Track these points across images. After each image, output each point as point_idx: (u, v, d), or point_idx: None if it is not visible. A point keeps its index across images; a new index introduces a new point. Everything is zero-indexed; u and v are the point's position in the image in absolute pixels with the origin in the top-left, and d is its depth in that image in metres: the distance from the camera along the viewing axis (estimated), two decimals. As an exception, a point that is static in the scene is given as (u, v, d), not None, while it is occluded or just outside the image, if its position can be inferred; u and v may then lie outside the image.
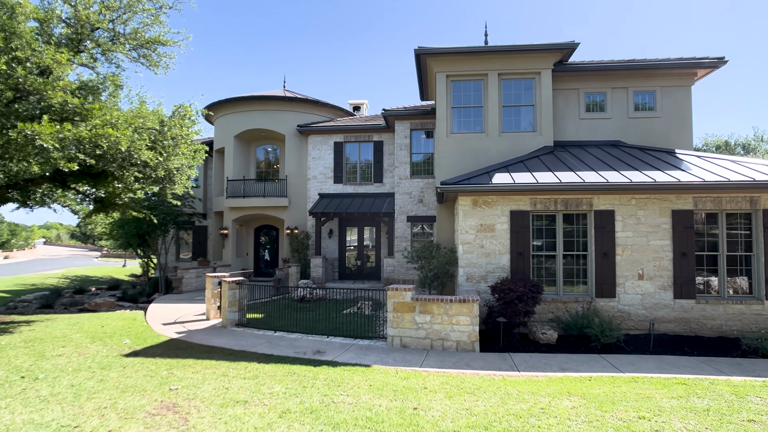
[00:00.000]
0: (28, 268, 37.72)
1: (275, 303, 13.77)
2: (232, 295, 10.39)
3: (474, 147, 12.26)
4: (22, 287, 23.08)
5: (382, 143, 19.03)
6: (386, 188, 18.92)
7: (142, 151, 8.41)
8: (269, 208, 19.20)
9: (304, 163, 19.64)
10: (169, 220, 18.87)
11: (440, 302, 8.17)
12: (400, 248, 16.98)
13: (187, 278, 17.24)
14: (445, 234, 12.47)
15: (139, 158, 8.56)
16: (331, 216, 17.66)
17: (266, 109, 19.46)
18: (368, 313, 11.82)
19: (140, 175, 9.15)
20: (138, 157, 8.52)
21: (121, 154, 8.20)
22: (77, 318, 12.06)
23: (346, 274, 19.20)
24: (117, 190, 12.43)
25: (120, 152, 8.13)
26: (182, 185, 12.62)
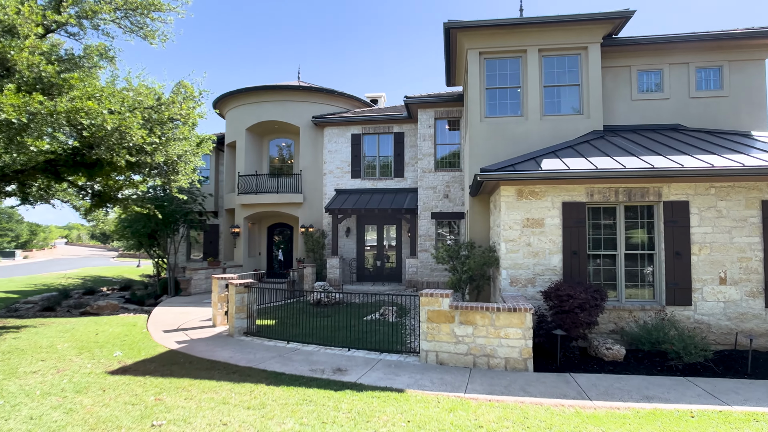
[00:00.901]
0: (45, 268, 37.43)
1: (289, 307, 12.54)
2: (240, 299, 9.17)
3: (511, 132, 10.83)
4: (33, 287, 22.39)
5: (402, 135, 17.69)
6: (408, 183, 17.57)
7: (133, 130, 7.23)
8: (283, 204, 18.01)
9: (319, 157, 18.42)
10: (178, 217, 17.83)
11: (485, 311, 6.78)
12: (424, 247, 15.60)
13: (195, 279, 16.15)
14: (478, 231, 11.07)
15: (131, 140, 7.38)
16: (348, 213, 16.39)
17: (279, 99, 18.29)
18: (393, 321, 10.49)
19: (133, 159, 7.99)
20: (130, 139, 7.34)
21: (106, 133, 7.04)
22: (74, 323, 11.00)
23: (365, 276, 17.90)
24: (117, 183, 11.37)
25: (105, 131, 6.96)
26: (187, 176, 11.48)
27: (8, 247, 52.09)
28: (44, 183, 11.65)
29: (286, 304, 13.31)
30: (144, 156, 8.44)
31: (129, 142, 7.47)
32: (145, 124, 8.14)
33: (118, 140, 7.37)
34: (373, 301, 13.99)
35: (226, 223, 20.54)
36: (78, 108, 6.32)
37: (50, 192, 11.97)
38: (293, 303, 13.56)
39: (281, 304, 13.30)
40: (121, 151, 7.56)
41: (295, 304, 13.39)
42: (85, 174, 9.80)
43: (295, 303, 13.74)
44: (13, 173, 10.09)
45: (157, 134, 8.40)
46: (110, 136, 7.21)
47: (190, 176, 12.25)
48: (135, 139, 7.42)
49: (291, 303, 13.59)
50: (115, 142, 7.38)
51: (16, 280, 26.57)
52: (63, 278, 27.64)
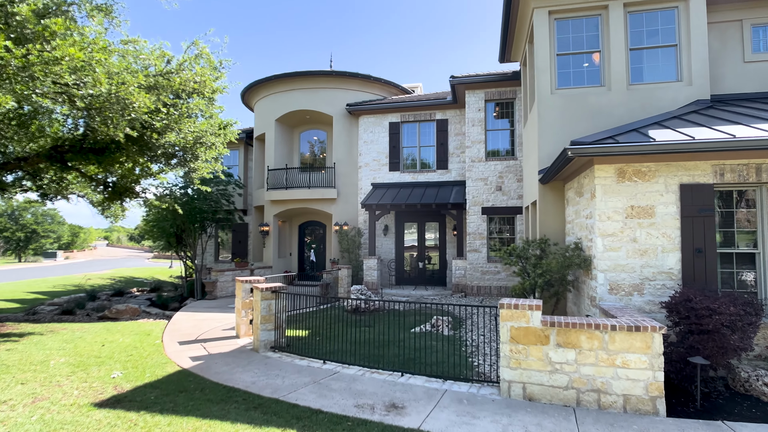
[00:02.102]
0: (82, 269, 37.62)
1: (323, 314, 11.00)
2: (267, 307, 7.62)
3: (589, 106, 8.90)
4: (63, 288, 21.89)
5: (446, 122, 15.89)
6: (452, 175, 15.75)
7: (133, 96, 5.82)
8: (315, 200, 16.54)
9: (354, 149, 16.85)
10: (207, 216, 16.66)
11: (593, 330, 4.93)
12: (473, 247, 13.74)
13: (221, 282, 14.87)
14: (550, 226, 9.15)
15: (132, 109, 5.97)
16: (387, 209, 14.73)
17: (311, 87, 16.85)
18: (448, 334, 8.71)
19: (134, 133, 6.59)
20: (131, 108, 5.92)
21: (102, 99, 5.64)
22: (86, 330, 9.80)
23: (405, 279, 16.18)
24: (131, 172, 10.12)
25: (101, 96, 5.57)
26: (208, 165, 10.12)
27: (51, 248, 53.37)
28: (55, 174, 10.56)
29: (320, 311, 11.78)
30: (151, 132, 7.03)
31: (131, 112, 6.07)
32: (150, 90, 6.75)
33: (119, 111, 5.97)
34: (417, 308, 12.25)
35: (255, 221, 19.29)
36: (58, 58, 4.93)
37: (63, 184, 10.87)
38: (327, 309, 12.02)
39: (314, 310, 11.79)
40: (120, 123, 6.15)
41: (330, 311, 11.84)
42: (93, 160, 8.55)
43: (330, 309, 12.19)
44: (15, 161, 8.95)
45: (164, 103, 6.97)
46: (108, 105, 5.82)
47: (212, 166, 10.91)
48: (137, 107, 6.00)
49: (325, 309, 12.05)
50: (115, 113, 5.98)
51: (50, 281, 26.36)
52: (96, 279, 27.29)
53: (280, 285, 7.80)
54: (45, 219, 51.56)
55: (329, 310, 11.91)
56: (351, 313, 11.49)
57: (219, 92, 8.35)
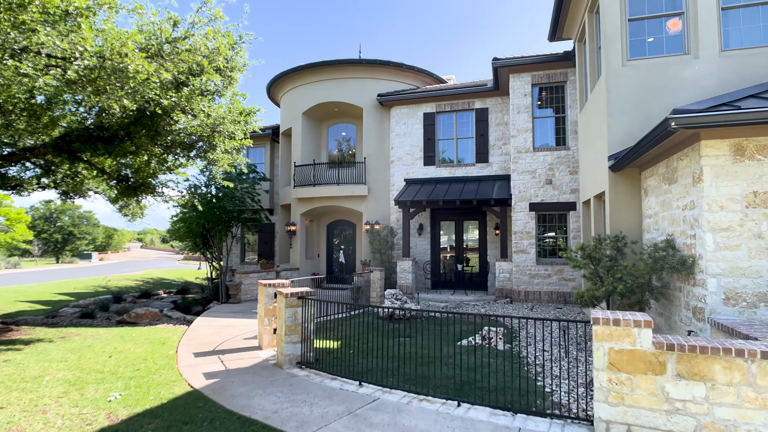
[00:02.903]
0: (114, 270, 37.97)
1: (354, 321, 9.89)
2: (292, 315, 6.53)
3: (671, 78, 7.45)
4: (92, 290, 21.65)
5: (486, 111, 14.55)
6: (493, 169, 14.39)
7: (129, 58, 4.85)
8: (344, 198, 15.49)
9: (385, 143, 15.72)
10: (232, 215, 15.86)
11: (732, 357, 3.58)
12: (520, 247, 12.34)
13: (246, 285, 13.98)
14: (623, 222, 7.71)
15: (128, 78, 5.00)
16: (422, 206, 13.51)
17: (339, 77, 15.83)
18: (503, 349, 7.41)
19: (132, 105, 5.63)
20: (126, 72, 4.94)
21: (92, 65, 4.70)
22: (99, 337, 9.01)
23: (441, 282, 14.90)
24: (148, 168, 9.30)
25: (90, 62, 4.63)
26: (227, 156, 9.18)
27: (86, 249, 54.61)
28: (69, 169, 9.86)
29: (351, 317, 10.67)
30: (155, 107, 6.07)
31: (128, 80, 5.11)
32: (153, 58, 5.79)
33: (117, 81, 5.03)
34: (459, 316, 10.97)
35: (281, 221, 18.42)
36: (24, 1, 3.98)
37: (78, 179, 10.16)
38: (359, 315, 10.90)
39: (345, 317, 10.69)
40: (116, 93, 5.20)
41: (362, 317, 10.72)
42: (102, 150, 7.70)
43: (362, 315, 11.07)
44: (21, 151, 8.22)
45: (174, 78, 6.01)
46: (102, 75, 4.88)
47: (234, 158, 9.98)
48: (136, 72, 5.01)
49: (356, 315, 10.94)
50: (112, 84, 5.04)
51: (81, 282, 26.35)
52: (125, 280, 27.18)
53: (307, 290, 6.70)
54: (81, 221, 52.78)
55: (361, 317, 10.80)
56: (386, 321, 10.33)
57: (239, 70, 7.36)
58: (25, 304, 15.96)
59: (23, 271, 36.97)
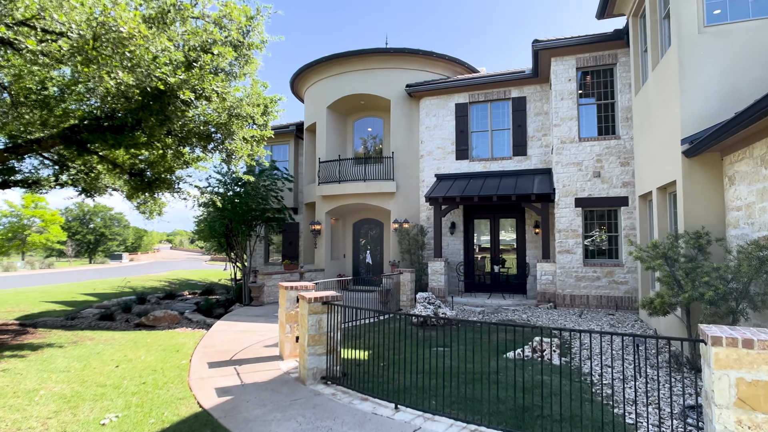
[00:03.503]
0: (142, 270, 38.39)
1: (384, 327, 9.03)
2: (316, 323, 5.70)
3: (762, 45, 6.28)
4: (117, 290, 21.55)
5: (524, 100, 13.45)
6: (532, 162, 13.28)
7: (121, 21, 4.15)
8: (371, 195, 14.65)
9: (414, 136, 14.81)
10: (255, 214, 15.28)
11: None
12: (565, 247, 11.20)
13: (269, 286, 13.31)
14: (699, 215, 6.56)
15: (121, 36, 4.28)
16: (455, 202, 12.53)
17: (365, 68, 15.03)
18: (558, 363, 6.39)
19: (129, 78, 4.94)
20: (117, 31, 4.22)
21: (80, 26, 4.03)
22: (110, 342, 8.44)
23: (476, 285, 13.86)
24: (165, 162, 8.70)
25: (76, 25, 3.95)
26: (247, 147, 8.47)
27: (117, 250, 55.76)
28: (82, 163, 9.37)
29: (380, 322, 9.82)
30: (157, 83, 5.35)
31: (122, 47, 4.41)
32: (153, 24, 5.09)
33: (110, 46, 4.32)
34: (498, 321, 9.96)
35: (306, 220, 17.74)
36: None
37: (92, 175, 9.67)
38: (389, 320, 10.03)
39: (373, 322, 9.85)
40: (108, 62, 4.50)
41: (392, 323, 9.85)
42: (111, 140, 7.09)
43: (392, 320, 10.19)
44: (27, 143, 7.71)
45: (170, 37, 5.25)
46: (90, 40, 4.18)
47: (254, 150, 9.28)
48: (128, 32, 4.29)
49: (386, 320, 10.07)
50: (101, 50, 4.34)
51: (109, 282, 26.46)
52: (151, 281, 27.19)
53: (332, 294, 5.85)
54: (112, 222, 53.90)
55: (391, 322, 9.92)
56: (418, 328, 9.42)
57: (256, 48, 6.62)
58: (51, 304, 15.80)
59: (56, 271, 37.75)
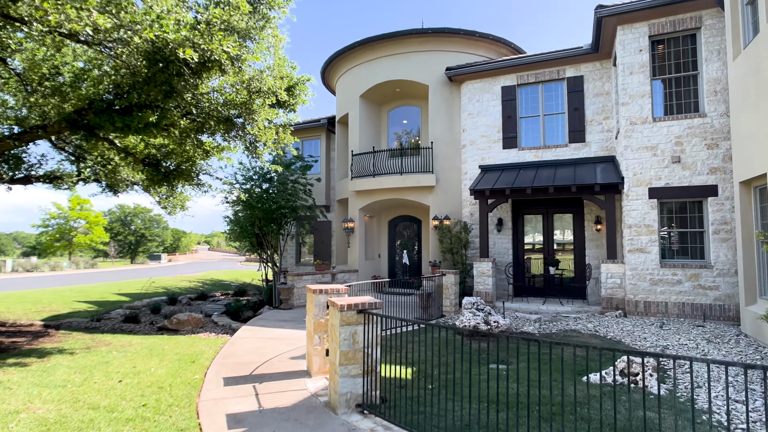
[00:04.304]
0: (178, 271, 38.75)
1: (427, 336, 7.82)
2: (350, 337, 4.56)
3: None
4: (151, 290, 21.36)
5: (581, 80, 11.90)
6: (592, 150, 11.71)
7: None
8: (408, 189, 13.46)
9: (455, 125, 13.50)
10: (285, 212, 14.45)
11: None
12: (637, 245, 9.61)
13: (299, 288, 12.35)
14: None
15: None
16: (504, 195, 11.15)
17: (401, 51, 13.86)
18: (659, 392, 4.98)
19: (104, 19, 4.01)
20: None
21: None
22: (125, 349, 7.65)
23: (527, 289, 12.39)
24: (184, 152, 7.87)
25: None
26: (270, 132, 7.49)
27: (156, 251, 57.06)
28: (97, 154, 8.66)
29: (421, 330, 8.62)
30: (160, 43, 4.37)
31: None
32: None
33: None
34: (559, 330, 8.54)
35: (338, 218, 16.74)
36: None
37: (110, 167, 8.96)
38: (431, 328, 8.80)
39: (414, 330, 8.65)
40: None
41: (436, 331, 8.62)
42: (119, 122, 6.24)
43: (434, 328, 8.96)
44: (32, 129, 6.99)
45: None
46: None
47: (281, 137, 8.30)
48: None
49: (427, 327, 8.85)
50: None
51: (144, 282, 26.52)
52: (185, 281, 27.08)
53: (369, 300, 4.70)
54: (152, 224, 55.17)
55: (434, 330, 8.70)
56: (467, 338, 8.15)
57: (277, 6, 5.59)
58: (83, 304, 15.52)
59: (99, 270, 38.65)
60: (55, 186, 10.12)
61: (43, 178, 10.05)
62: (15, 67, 7.34)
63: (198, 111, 7.18)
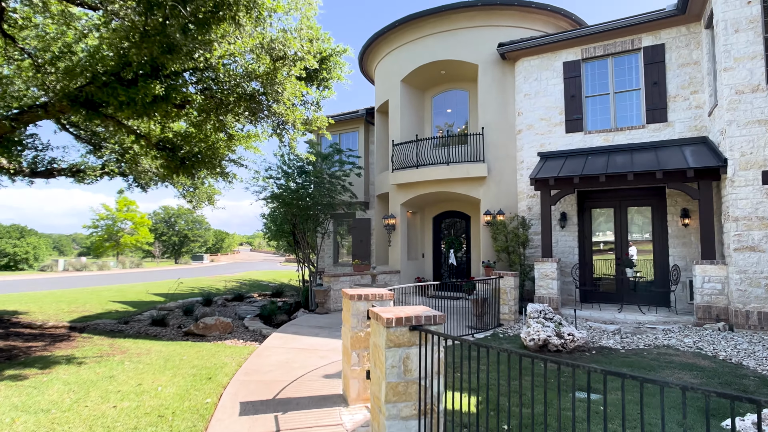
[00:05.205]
0: (219, 271, 38.90)
1: (484, 350, 6.43)
2: (399, 362, 3.28)
3: None
4: (188, 290, 20.99)
5: (661, 49, 10.10)
6: (676, 131, 9.89)
7: None
8: (456, 182, 12.05)
9: (509, 108, 11.97)
10: (320, 209, 13.44)
11: None
12: (746, 243, 7.78)
13: (335, 291, 11.21)
14: None
15: None
16: (572, 184, 9.55)
17: (447, 29, 12.48)
18: None
19: None
20: None
21: None
22: (138, 359, 6.75)
23: (596, 294, 10.68)
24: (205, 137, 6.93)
25: None
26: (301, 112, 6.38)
27: (199, 251, 58.16)
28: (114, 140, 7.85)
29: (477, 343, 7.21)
30: None
31: None
32: None
33: None
34: (647, 347, 6.90)
35: (378, 215, 15.54)
36: None
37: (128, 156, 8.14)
38: (489, 340, 7.41)
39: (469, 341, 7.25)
40: None
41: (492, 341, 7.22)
42: (123, 95, 5.29)
43: (492, 339, 7.56)
44: (31, 109, 6.17)
45: None
46: None
47: (313, 120, 7.19)
48: None
49: (483, 338, 7.46)
50: None
51: (184, 282, 26.43)
52: (223, 281, 26.78)
53: (425, 313, 3.40)
54: (195, 225, 56.26)
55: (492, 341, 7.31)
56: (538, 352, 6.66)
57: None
58: (117, 304, 15.11)
59: (143, 270, 39.44)
60: (78, 179, 9.48)
61: (66, 172, 9.43)
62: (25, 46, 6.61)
63: (217, 86, 6.16)
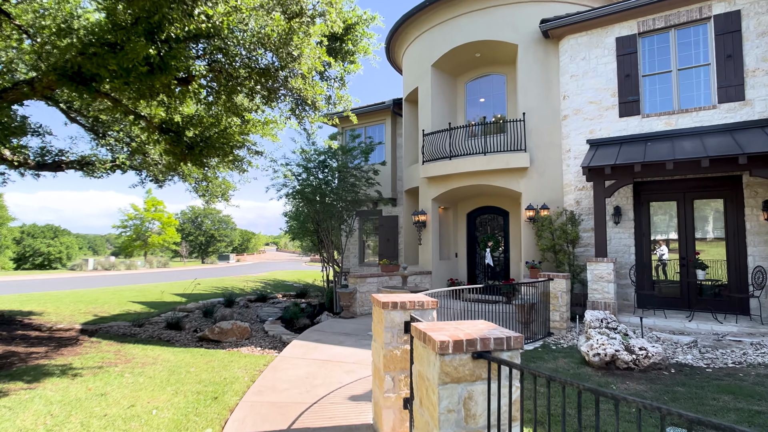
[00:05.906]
0: (244, 271, 38.68)
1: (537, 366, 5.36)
2: (459, 403, 2.30)
3: None
4: (211, 290, 20.53)
5: (737, 16, 8.75)
6: (755, 111, 8.52)
7: None
8: (494, 173, 10.92)
9: (553, 91, 10.77)
10: (344, 205, 12.58)
11: None
12: None
13: (362, 293, 10.28)
14: None
15: None
16: (630, 174, 8.31)
17: (482, 6, 11.37)
18: None
19: None
20: None
21: None
22: (140, 370, 5.99)
23: (657, 298, 9.36)
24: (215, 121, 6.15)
25: None
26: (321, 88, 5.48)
27: (225, 251, 58.45)
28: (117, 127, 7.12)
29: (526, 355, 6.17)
30: None
31: None
32: None
33: None
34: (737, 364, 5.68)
35: (407, 212, 14.53)
36: None
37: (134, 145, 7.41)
38: (539, 353, 6.31)
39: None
40: None
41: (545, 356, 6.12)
42: (113, 64, 4.49)
43: (543, 352, 6.45)
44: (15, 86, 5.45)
45: None
46: None
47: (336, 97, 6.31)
48: None
49: (533, 352, 6.36)
50: None
51: (206, 282, 26.05)
52: (248, 281, 26.33)
53: (494, 334, 2.39)
54: (221, 225, 56.56)
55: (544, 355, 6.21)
56: (597, 372, 5.57)
57: None
58: (136, 305, 14.63)
59: (168, 270, 39.64)
60: (87, 173, 8.86)
61: (75, 165, 8.83)
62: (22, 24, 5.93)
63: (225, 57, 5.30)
